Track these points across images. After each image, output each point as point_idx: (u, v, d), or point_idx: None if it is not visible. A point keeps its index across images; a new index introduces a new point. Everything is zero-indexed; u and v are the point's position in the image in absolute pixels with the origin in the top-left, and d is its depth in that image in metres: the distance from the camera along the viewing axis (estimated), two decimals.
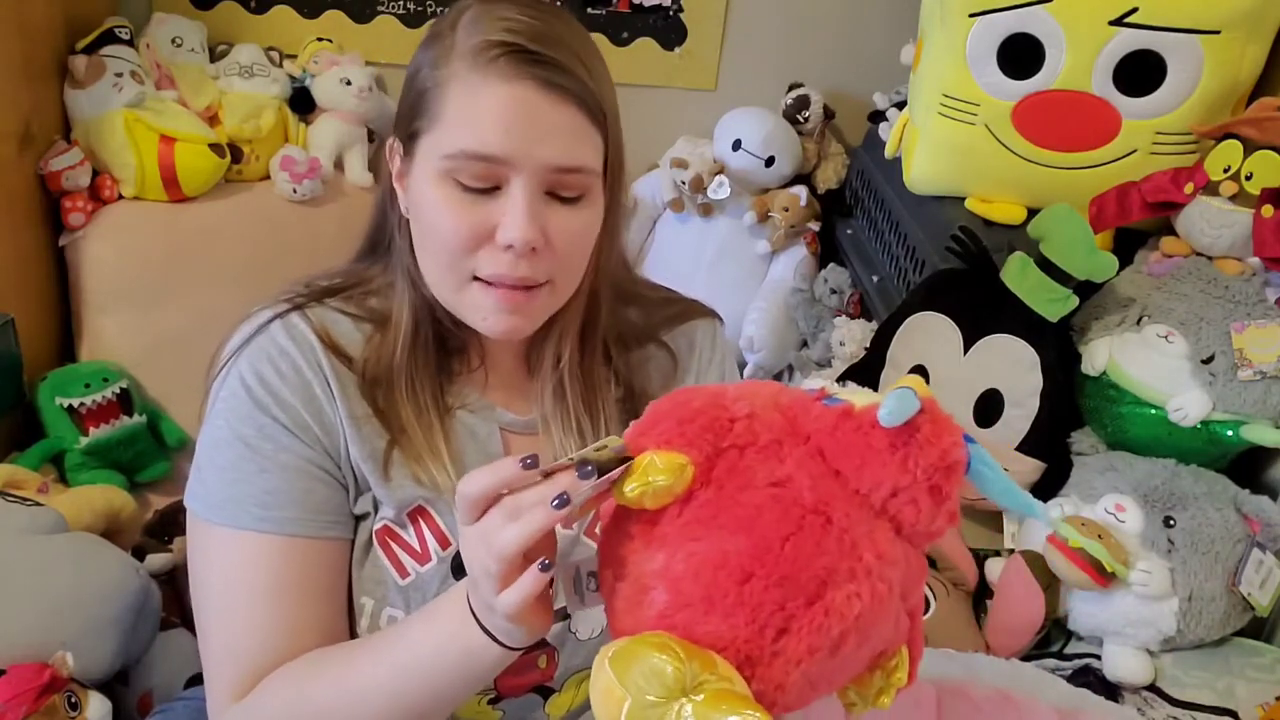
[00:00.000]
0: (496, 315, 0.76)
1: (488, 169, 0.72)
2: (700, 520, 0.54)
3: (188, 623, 1.29)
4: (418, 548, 0.83)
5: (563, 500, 0.55)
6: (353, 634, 0.82)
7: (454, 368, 0.86)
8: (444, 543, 0.83)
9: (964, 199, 1.41)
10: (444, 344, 0.83)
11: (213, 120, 1.59)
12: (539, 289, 0.76)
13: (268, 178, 1.61)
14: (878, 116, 1.71)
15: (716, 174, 1.72)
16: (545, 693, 0.87)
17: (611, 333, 0.87)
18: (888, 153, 1.55)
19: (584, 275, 0.80)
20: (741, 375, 1.69)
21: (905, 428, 0.56)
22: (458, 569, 0.83)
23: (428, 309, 0.81)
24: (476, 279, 0.75)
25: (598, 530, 0.62)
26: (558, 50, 0.72)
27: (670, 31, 1.81)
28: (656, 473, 0.53)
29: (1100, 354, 1.19)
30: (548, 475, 0.57)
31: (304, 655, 0.76)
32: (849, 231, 1.78)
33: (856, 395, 0.60)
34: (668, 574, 0.53)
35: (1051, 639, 1.20)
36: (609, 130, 0.76)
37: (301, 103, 1.67)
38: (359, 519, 0.83)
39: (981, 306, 1.19)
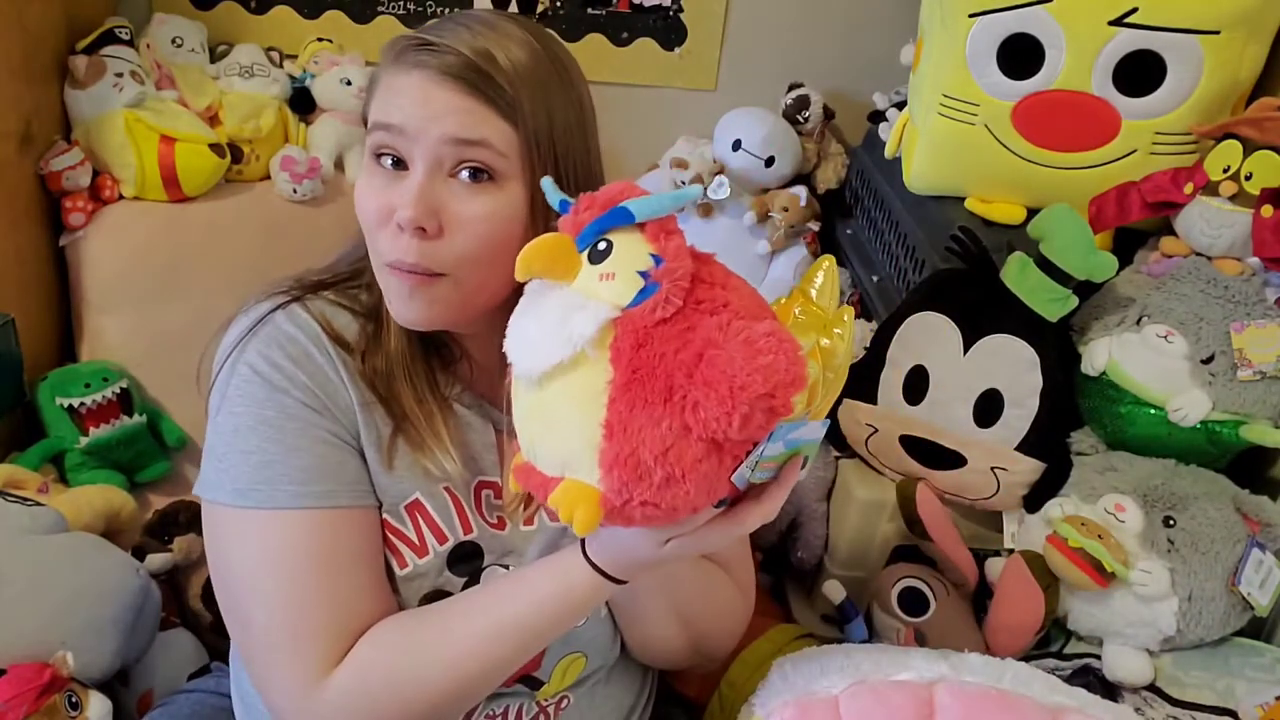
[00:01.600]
0: (399, 300, 0.78)
1: (394, 140, 0.76)
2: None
3: (188, 623, 1.29)
4: (416, 540, 0.84)
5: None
6: None
7: (443, 359, 0.87)
8: (441, 537, 0.84)
9: (964, 199, 1.41)
10: (429, 336, 0.84)
11: (213, 120, 1.59)
12: (438, 279, 0.76)
13: (268, 178, 1.61)
14: (878, 116, 1.71)
15: (716, 174, 1.72)
16: (532, 683, 0.88)
17: None
18: (888, 153, 1.55)
19: (509, 274, 0.77)
20: None
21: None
22: (453, 562, 0.85)
23: None
24: (387, 265, 0.77)
25: None
26: (474, 53, 0.75)
27: (670, 31, 1.81)
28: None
29: (1100, 354, 1.19)
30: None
31: (395, 616, 0.79)
32: (849, 231, 1.78)
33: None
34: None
35: (1051, 639, 1.20)
36: (523, 125, 0.76)
37: (301, 103, 1.68)
38: None
39: (981, 306, 1.19)
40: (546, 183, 0.69)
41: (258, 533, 0.77)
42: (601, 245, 0.64)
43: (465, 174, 0.75)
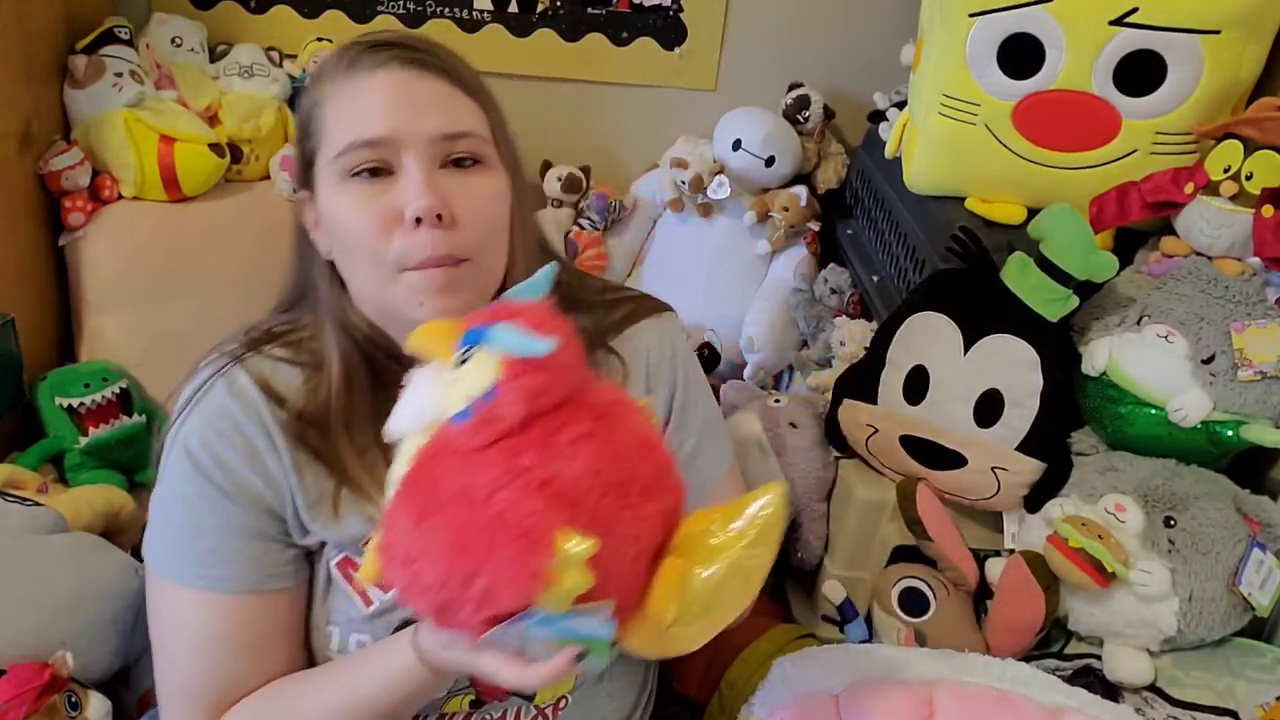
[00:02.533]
0: (432, 297, 0.77)
1: (378, 153, 0.75)
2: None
3: None
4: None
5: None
6: (325, 660, 0.85)
7: (392, 403, 0.86)
8: None
9: (964, 199, 1.41)
10: (381, 381, 0.83)
11: (213, 120, 1.59)
12: (464, 264, 0.77)
13: (268, 178, 1.61)
14: (878, 116, 1.71)
15: (716, 174, 1.72)
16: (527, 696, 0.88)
17: None
18: (888, 153, 1.55)
19: (504, 255, 0.81)
20: (742, 376, 1.70)
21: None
22: None
23: (358, 352, 0.82)
24: (405, 270, 0.76)
25: None
26: (415, 40, 0.78)
27: (670, 31, 1.81)
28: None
29: (1100, 354, 1.19)
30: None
31: (261, 689, 0.82)
32: (849, 231, 1.78)
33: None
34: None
35: (1052, 639, 1.20)
36: (485, 103, 0.79)
37: None
38: (315, 553, 0.85)
39: (982, 306, 1.19)
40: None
41: (170, 600, 0.83)
42: (466, 356, 0.64)
43: (454, 164, 0.77)
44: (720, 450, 0.99)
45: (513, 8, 1.77)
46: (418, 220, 0.75)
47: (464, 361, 0.64)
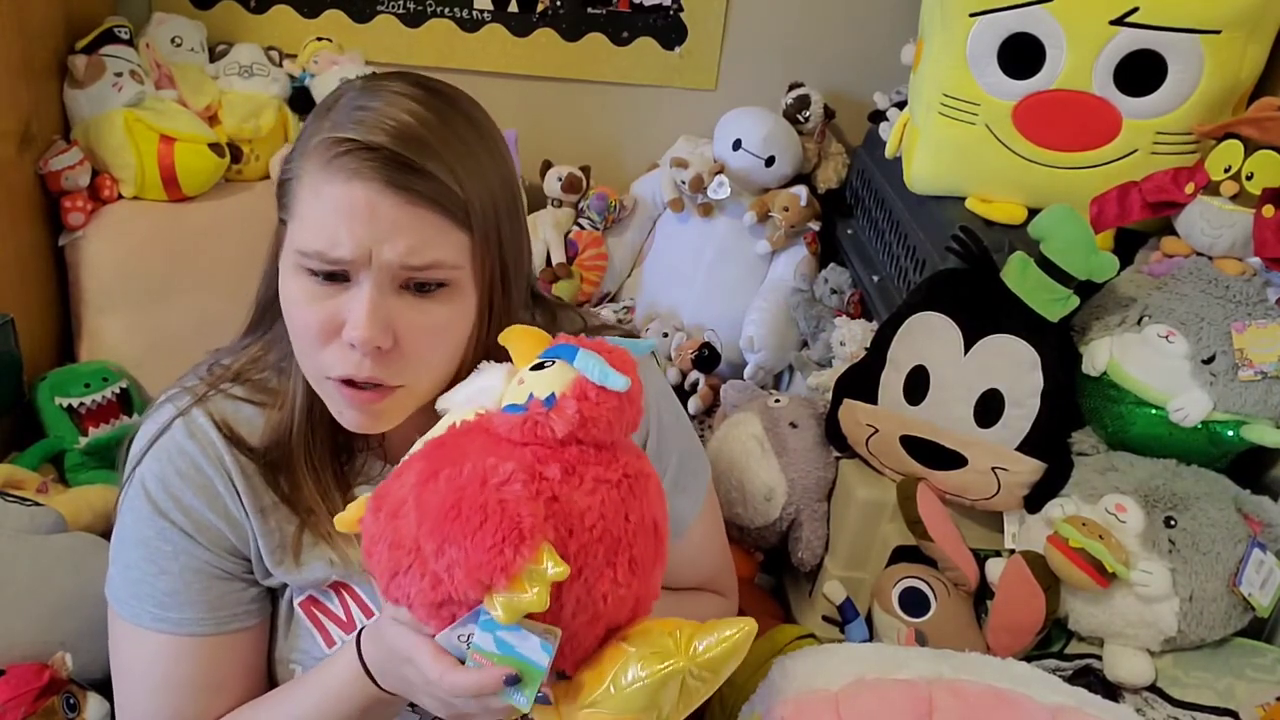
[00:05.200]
0: (350, 412, 0.76)
1: (335, 267, 0.71)
2: None
3: None
4: (344, 617, 0.84)
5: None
6: None
7: (354, 444, 0.85)
8: (368, 612, 0.84)
9: (964, 199, 1.41)
10: (340, 424, 0.81)
11: (212, 120, 1.59)
12: (392, 391, 0.74)
13: (268, 177, 1.61)
14: (878, 116, 1.71)
15: (716, 174, 1.71)
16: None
17: None
18: (888, 153, 1.55)
19: (455, 366, 0.78)
20: (742, 376, 1.70)
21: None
22: None
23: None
24: (330, 379, 0.74)
25: None
26: (410, 147, 0.69)
27: (670, 31, 1.81)
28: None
29: (1101, 354, 1.19)
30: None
31: None
32: (849, 231, 1.78)
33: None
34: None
35: (1052, 639, 1.20)
36: (475, 228, 0.73)
37: (301, 102, 1.67)
38: (277, 591, 0.84)
39: (982, 306, 1.19)
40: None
41: (127, 639, 0.82)
42: (548, 362, 0.67)
43: (417, 288, 0.72)
44: (696, 492, 0.99)
45: (513, 8, 1.77)
46: (351, 343, 0.72)
47: (539, 368, 0.67)
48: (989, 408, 1.19)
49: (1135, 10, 1.24)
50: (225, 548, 0.81)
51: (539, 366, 0.67)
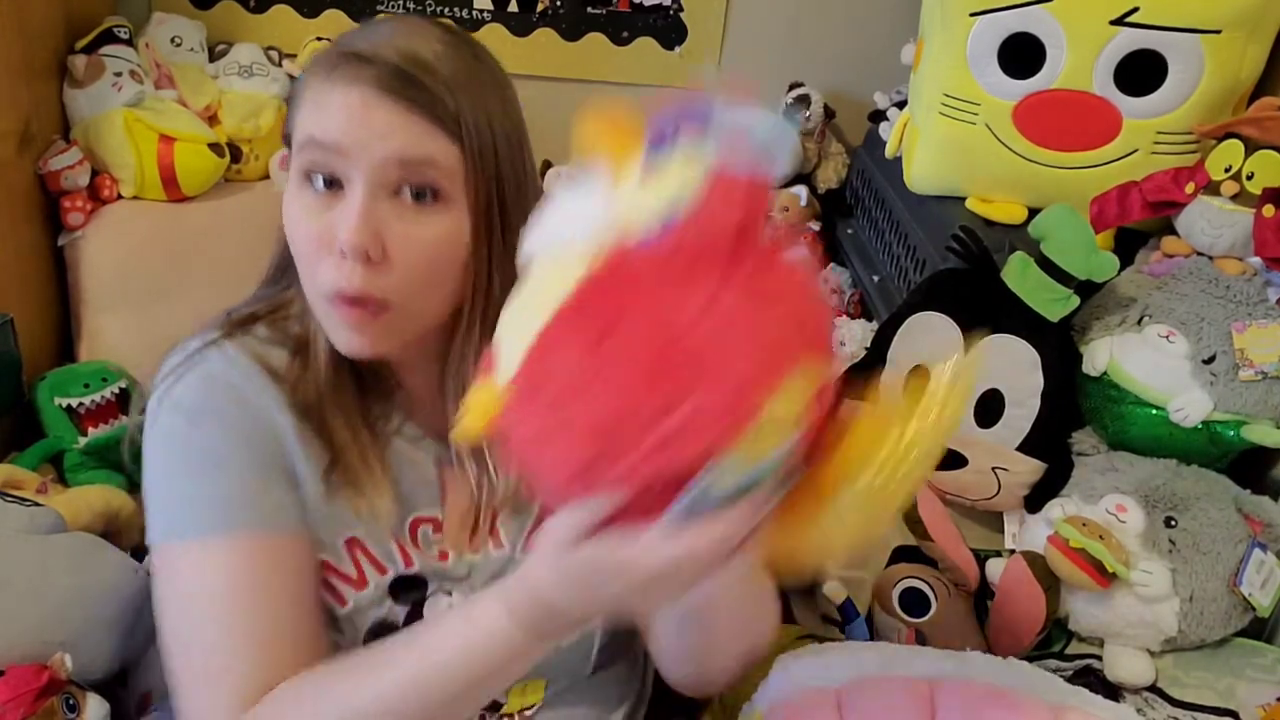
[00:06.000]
0: (343, 333, 0.75)
1: (330, 160, 0.72)
2: None
3: None
4: (354, 575, 0.81)
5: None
6: None
7: (378, 389, 0.83)
8: (380, 569, 0.82)
9: (964, 199, 1.41)
10: (362, 367, 0.81)
11: (212, 120, 1.59)
12: (384, 312, 0.73)
13: (267, 177, 1.61)
14: (878, 116, 1.71)
15: None
16: (491, 705, 0.86)
17: None
18: (888, 153, 1.55)
19: (450, 298, 0.76)
20: None
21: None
22: (395, 592, 0.82)
23: None
24: (324, 298, 0.74)
25: None
26: (410, 62, 0.72)
27: (670, 31, 1.81)
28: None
29: (1101, 354, 1.19)
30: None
31: (310, 671, 0.74)
32: (849, 231, 1.78)
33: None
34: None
35: (1052, 639, 1.20)
36: (467, 140, 0.73)
37: None
38: None
39: (982, 306, 1.19)
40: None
41: (192, 565, 0.76)
42: (656, 163, 0.53)
43: (409, 195, 0.72)
44: None
45: (513, 7, 1.77)
46: (341, 248, 0.71)
47: (651, 172, 0.53)
48: (989, 408, 1.19)
49: (1135, 10, 1.24)
50: (277, 450, 0.78)
51: (649, 172, 0.53)
